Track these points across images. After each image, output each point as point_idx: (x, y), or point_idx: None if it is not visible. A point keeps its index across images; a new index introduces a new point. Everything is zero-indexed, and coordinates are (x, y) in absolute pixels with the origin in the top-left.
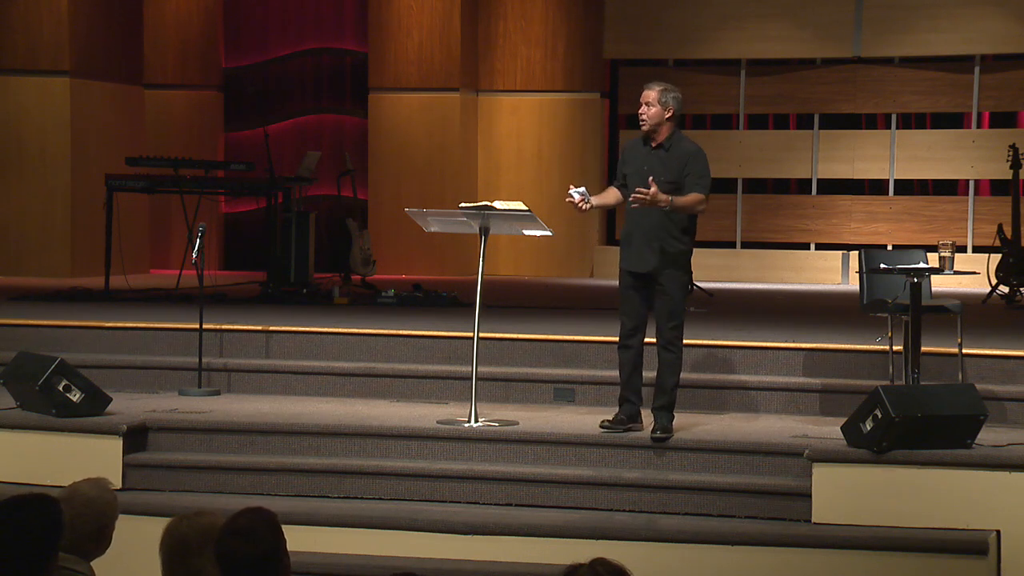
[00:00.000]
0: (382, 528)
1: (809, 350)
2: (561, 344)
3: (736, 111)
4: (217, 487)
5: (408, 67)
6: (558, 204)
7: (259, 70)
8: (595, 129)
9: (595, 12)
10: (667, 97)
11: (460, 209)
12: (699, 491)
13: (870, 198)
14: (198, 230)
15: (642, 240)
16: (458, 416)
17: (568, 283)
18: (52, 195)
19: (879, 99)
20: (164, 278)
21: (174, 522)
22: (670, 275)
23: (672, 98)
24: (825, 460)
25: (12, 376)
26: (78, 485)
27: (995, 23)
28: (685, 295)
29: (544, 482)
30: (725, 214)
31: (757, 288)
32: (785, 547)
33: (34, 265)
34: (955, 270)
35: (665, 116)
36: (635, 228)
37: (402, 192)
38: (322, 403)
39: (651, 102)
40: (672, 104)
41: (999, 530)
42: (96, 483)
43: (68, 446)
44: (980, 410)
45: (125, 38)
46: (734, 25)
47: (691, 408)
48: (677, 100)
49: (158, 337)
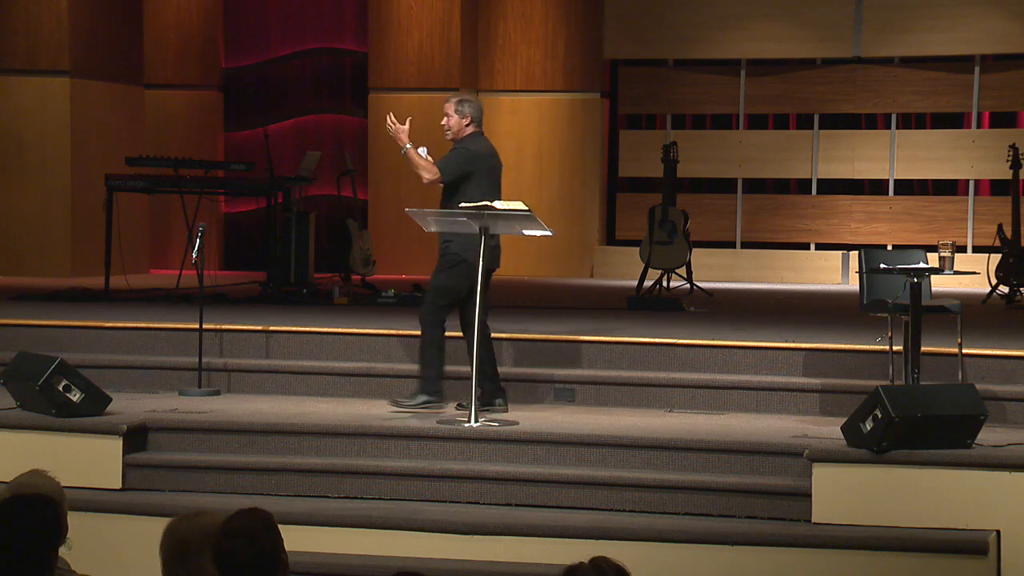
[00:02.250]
0: (382, 528)
1: (809, 350)
2: (561, 344)
3: (736, 111)
4: (217, 487)
5: (408, 67)
6: (558, 204)
7: (259, 70)
8: (595, 129)
9: (595, 12)
10: (463, 107)
11: (460, 209)
12: (699, 491)
13: (870, 198)
14: (198, 230)
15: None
16: (458, 416)
17: (568, 283)
18: (52, 195)
19: (879, 99)
20: (164, 278)
21: (174, 522)
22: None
23: (468, 107)
24: (825, 460)
25: (12, 376)
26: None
27: (995, 23)
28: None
29: (544, 482)
30: (725, 214)
31: (757, 288)
32: (785, 547)
33: (34, 265)
34: (955, 270)
35: (464, 123)
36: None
37: (402, 192)
38: (322, 403)
39: (449, 114)
40: (469, 112)
41: (999, 530)
42: (40, 474)
43: (68, 446)
44: (980, 410)
45: (125, 38)
46: (734, 25)
47: (691, 408)
48: (473, 108)
49: (158, 337)
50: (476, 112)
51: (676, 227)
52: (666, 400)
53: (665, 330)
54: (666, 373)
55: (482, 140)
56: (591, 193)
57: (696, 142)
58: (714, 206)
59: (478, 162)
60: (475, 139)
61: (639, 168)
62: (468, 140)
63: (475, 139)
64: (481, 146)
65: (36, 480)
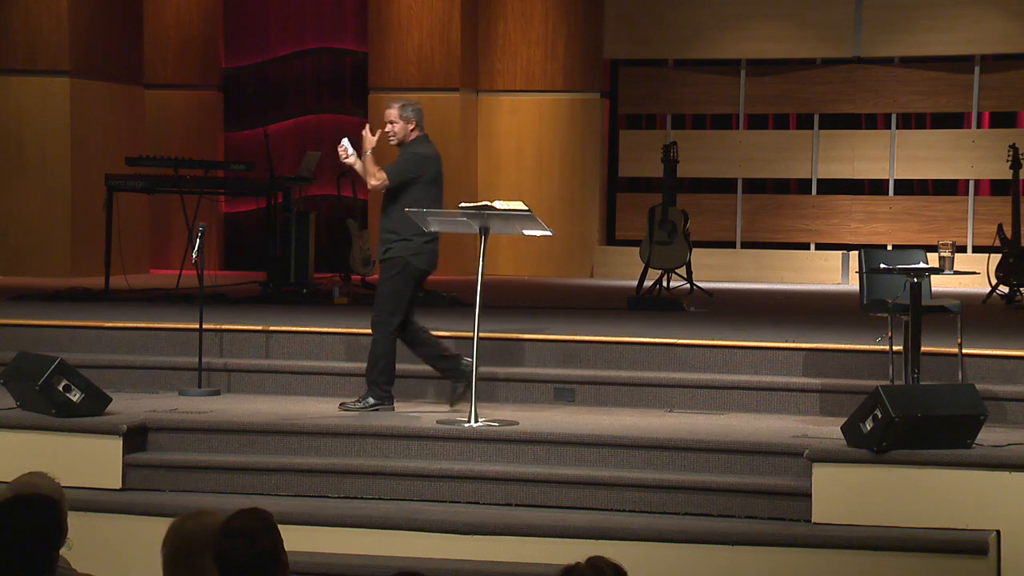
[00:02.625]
0: (382, 528)
1: (809, 350)
2: (561, 344)
3: (736, 111)
4: (217, 487)
5: (408, 67)
6: (558, 204)
7: (259, 70)
8: (595, 129)
9: (595, 12)
10: (407, 112)
11: (460, 209)
12: (699, 491)
13: (870, 198)
14: (198, 230)
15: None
16: (458, 416)
17: (568, 283)
18: (52, 195)
19: (879, 99)
20: (164, 278)
21: (178, 521)
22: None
23: (411, 111)
24: (825, 460)
25: (12, 376)
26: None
27: (995, 23)
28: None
29: (544, 482)
30: (725, 214)
31: (757, 288)
32: (785, 547)
33: (34, 265)
34: (955, 270)
35: (409, 128)
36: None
37: None
38: (322, 403)
39: (393, 119)
40: (413, 117)
41: (999, 530)
42: (40, 475)
43: (68, 446)
44: (980, 410)
45: (125, 38)
46: (734, 25)
47: (691, 408)
48: (417, 112)
49: (158, 337)
50: (419, 116)
51: (676, 227)
52: (666, 400)
53: (665, 330)
54: (666, 373)
55: (429, 144)
56: (591, 193)
57: (696, 142)
58: (714, 206)
59: (427, 165)
60: (422, 143)
61: (639, 168)
62: (415, 144)
63: (422, 143)
64: (429, 150)
65: (36, 480)
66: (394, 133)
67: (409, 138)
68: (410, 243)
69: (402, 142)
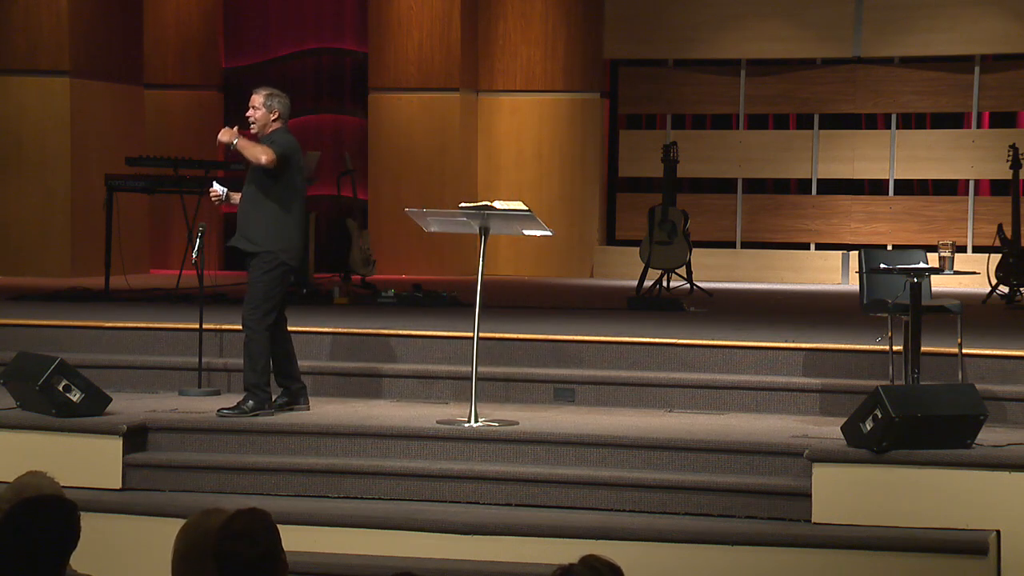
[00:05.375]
0: (382, 528)
1: (809, 350)
2: (561, 344)
3: (736, 111)
4: (217, 487)
5: (408, 67)
6: (558, 204)
7: (259, 70)
8: (595, 129)
9: (595, 12)
10: (272, 101)
11: (460, 209)
12: (699, 491)
13: (870, 198)
14: (198, 230)
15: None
16: (458, 416)
17: (568, 283)
18: (52, 195)
19: (879, 99)
20: (164, 278)
21: (193, 519)
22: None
23: (277, 102)
24: (825, 460)
25: (12, 376)
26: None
27: (995, 23)
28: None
29: (544, 482)
30: (725, 214)
31: (757, 288)
32: (785, 547)
33: (34, 265)
34: (955, 270)
35: (272, 117)
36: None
37: (402, 192)
38: (322, 403)
39: (257, 106)
40: (277, 107)
41: (999, 530)
42: (39, 475)
43: (68, 446)
44: (980, 410)
45: (125, 38)
46: (734, 25)
47: (691, 408)
48: (282, 103)
49: (158, 337)
50: (285, 108)
51: (676, 227)
52: (666, 400)
53: (665, 330)
54: (666, 373)
55: (291, 136)
56: (591, 193)
57: (696, 142)
58: (714, 206)
59: (297, 150)
60: (284, 134)
61: (639, 168)
62: (276, 135)
63: (284, 134)
64: (293, 140)
65: (35, 480)
66: (255, 119)
67: (270, 128)
68: (286, 243)
69: (263, 132)
